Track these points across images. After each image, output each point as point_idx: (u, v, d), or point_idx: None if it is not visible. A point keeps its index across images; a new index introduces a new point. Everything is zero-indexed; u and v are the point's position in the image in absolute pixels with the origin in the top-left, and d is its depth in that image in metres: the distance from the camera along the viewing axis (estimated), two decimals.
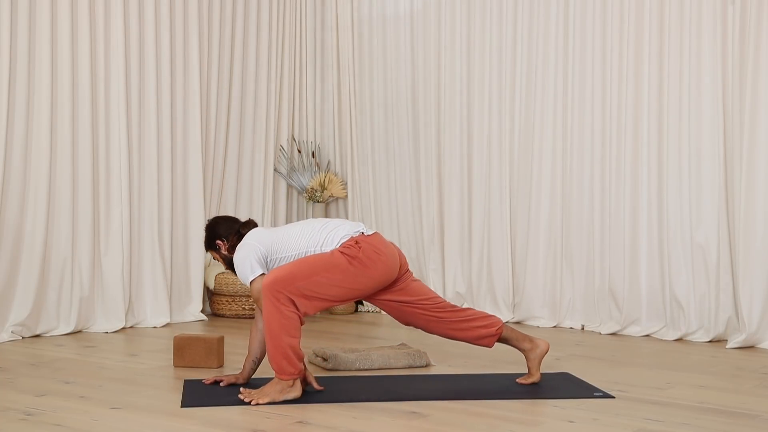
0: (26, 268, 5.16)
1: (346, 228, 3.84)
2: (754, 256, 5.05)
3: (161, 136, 5.77)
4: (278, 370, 3.64)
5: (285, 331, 3.60)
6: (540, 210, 5.84)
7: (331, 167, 6.78)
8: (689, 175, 5.31)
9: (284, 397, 3.64)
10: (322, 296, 3.70)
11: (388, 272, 3.82)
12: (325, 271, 3.70)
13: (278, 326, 3.61)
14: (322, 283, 3.68)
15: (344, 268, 3.72)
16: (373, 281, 3.79)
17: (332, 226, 3.86)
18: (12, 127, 5.11)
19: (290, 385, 3.65)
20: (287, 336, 3.61)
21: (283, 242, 3.81)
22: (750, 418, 3.53)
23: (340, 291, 3.73)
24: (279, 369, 3.63)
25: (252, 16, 6.36)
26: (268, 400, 3.62)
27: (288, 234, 3.85)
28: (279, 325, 3.60)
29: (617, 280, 5.55)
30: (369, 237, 3.82)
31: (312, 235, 3.82)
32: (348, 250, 3.75)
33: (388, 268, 3.81)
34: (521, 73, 5.90)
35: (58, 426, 3.29)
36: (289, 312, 3.62)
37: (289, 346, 3.61)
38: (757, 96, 5.04)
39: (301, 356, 3.67)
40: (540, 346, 3.98)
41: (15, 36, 5.09)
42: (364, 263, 3.74)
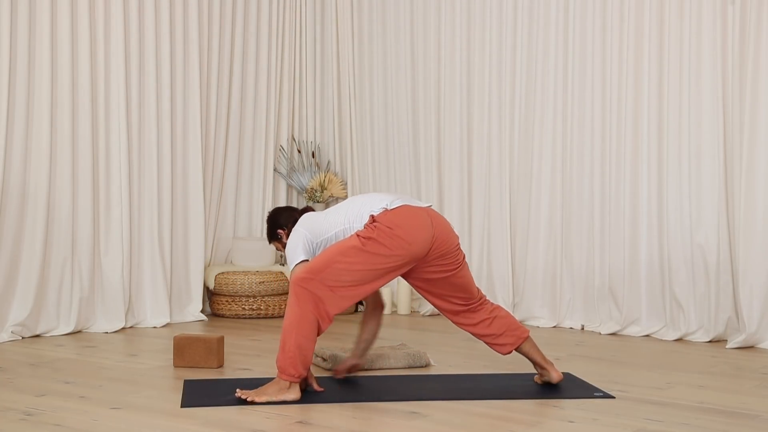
0: (26, 268, 5.16)
1: (374, 204, 3.75)
2: (754, 256, 5.05)
3: (161, 136, 5.77)
4: (280, 368, 3.63)
5: (299, 329, 3.57)
6: (540, 210, 5.84)
7: (331, 167, 6.79)
8: (689, 175, 5.31)
9: (282, 398, 3.63)
10: (345, 283, 3.60)
11: (408, 247, 3.64)
12: (342, 255, 3.62)
13: (294, 323, 3.58)
14: (342, 269, 3.60)
15: (359, 249, 3.62)
16: (392, 258, 3.63)
17: (368, 202, 3.78)
18: (12, 128, 5.11)
19: (287, 387, 3.64)
20: (299, 335, 3.58)
21: (327, 222, 3.81)
22: (750, 418, 3.53)
23: (362, 275, 3.62)
24: (280, 367, 3.63)
25: (252, 16, 6.36)
26: (265, 398, 3.62)
27: (333, 213, 3.84)
28: (295, 322, 3.58)
29: (617, 280, 5.55)
30: (389, 212, 3.69)
31: (348, 214, 3.79)
32: (365, 230, 3.67)
33: (405, 242, 3.63)
34: (521, 74, 5.90)
35: (58, 426, 3.30)
36: (309, 312, 3.57)
37: (297, 346, 3.58)
38: (757, 96, 5.05)
39: (307, 363, 3.63)
40: (553, 377, 3.92)
41: (15, 36, 5.09)
42: (378, 241, 3.62)
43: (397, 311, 6.36)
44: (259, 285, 6.00)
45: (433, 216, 3.76)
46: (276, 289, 6.06)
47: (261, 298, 6.03)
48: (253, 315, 6.01)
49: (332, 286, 3.60)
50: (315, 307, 3.59)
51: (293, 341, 3.59)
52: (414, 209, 3.72)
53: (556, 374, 3.93)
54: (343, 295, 3.62)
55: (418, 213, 3.71)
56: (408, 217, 3.68)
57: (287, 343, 3.60)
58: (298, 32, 6.70)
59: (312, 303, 3.58)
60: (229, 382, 4.04)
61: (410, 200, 3.80)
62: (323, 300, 3.59)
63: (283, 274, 6.12)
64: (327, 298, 3.59)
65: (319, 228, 3.81)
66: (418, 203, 3.80)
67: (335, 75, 6.71)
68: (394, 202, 3.73)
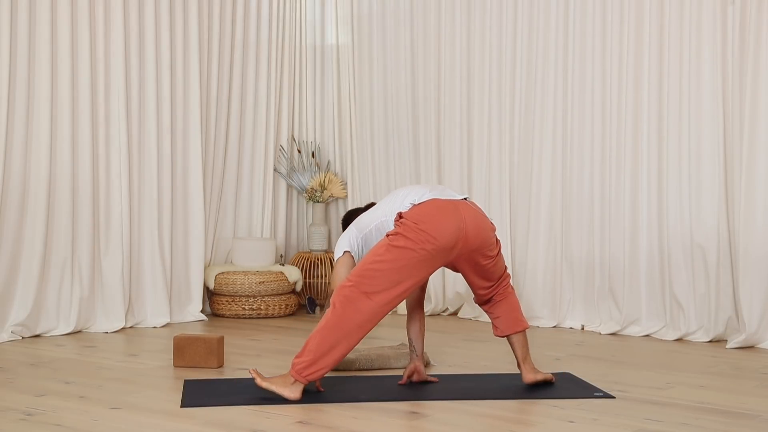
0: (26, 268, 5.16)
1: (407, 199, 3.78)
2: (754, 256, 5.05)
3: (161, 136, 5.77)
4: (293, 364, 3.64)
5: (323, 335, 3.59)
6: (540, 210, 5.84)
7: (331, 167, 6.79)
8: (689, 175, 5.31)
9: (281, 392, 3.63)
10: (379, 287, 3.59)
11: (433, 240, 3.61)
12: (372, 255, 3.66)
13: (321, 328, 3.60)
14: (374, 269, 3.61)
15: (387, 246, 3.64)
16: (420, 253, 3.61)
17: (404, 196, 3.83)
18: (12, 127, 5.11)
19: (291, 383, 3.64)
20: (322, 342, 3.59)
21: (369, 216, 3.93)
22: (750, 418, 3.53)
23: (393, 273, 3.60)
24: (294, 364, 3.64)
25: (252, 17, 6.36)
26: (266, 385, 3.63)
27: (377, 207, 3.94)
28: (323, 327, 3.60)
29: (617, 280, 5.55)
30: (415, 207, 3.70)
31: (385, 208, 3.87)
32: (393, 228, 3.73)
33: (430, 236, 3.61)
34: (521, 74, 5.90)
35: (58, 426, 3.30)
36: (341, 321, 3.58)
37: (317, 350, 3.59)
38: (757, 96, 5.04)
39: (322, 370, 3.62)
40: (525, 378, 3.93)
41: (15, 36, 5.09)
42: (404, 236, 3.62)
43: (396, 311, 6.35)
44: (259, 285, 6.00)
45: (463, 209, 3.73)
46: (276, 289, 6.06)
47: (261, 298, 6.03)
48: (253, 315, 6.01)
49: (368, 292, 3.60)
50: (349, 317, 3.59)
51: (314, 345, 3.60)
52: (441, 203, 3.71)
53: (529, 376, 3.91)
54: (379, 301, 3.60)
55: (445, 206, 3.70)
56: (433, 211, 3.67)
57: (309, 345, 3.61)
58: (298, 32, 6.69)
59: (348, 311, 3.59)
60: (229, 382, 4.05)
61: (443, 192, 3.80)
62: (360, 310, 3.59)
63: (282, 274, 6.12)
64: (364, 307, 3.59)
65: (364, 222, 3.94)
66: (451, 195, 3.79)
67: (335, 75, 6.71)
68: (423, 196, 3.75)
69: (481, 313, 5.96)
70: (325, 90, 6.81)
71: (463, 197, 3.83)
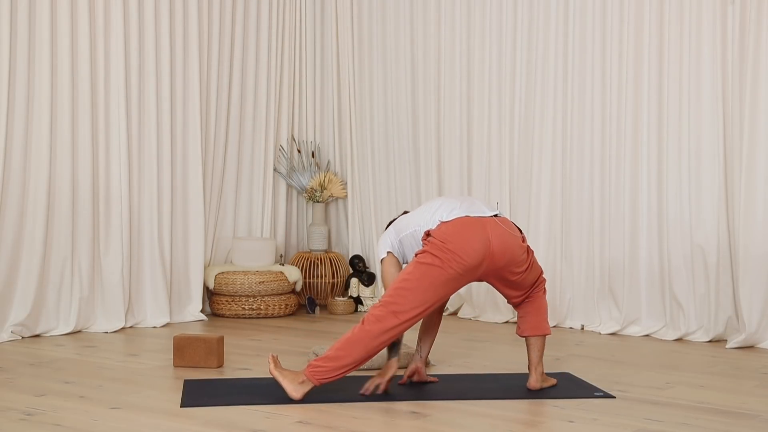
0: (26, 268, 5.16)
1: (438, 214, 3.79)
2: (754, 256, 5.05)
3: (161, 136, 5.77)
4: (310, 364, 3.66)
5: (346, 347, 3.63)
6: (540, 210, 5.84)
7: (331, 167, 6.78)
8: (689, 175, 5.31)
9: (286, 387, 3.65)
10: (408, 307, 3.62)
11: (460, 260, 3.64)
12: (403, 273, 3.70)
13: (347, 339, 3.64)
14: (403, 287, 3.64)
15: (415, 263, 3.68)
16: (447, 272, 3.64)
17: (437, 210, 3.83)
18: (12, 127, 5.10)
19: (299, 382, 3.65)
20: (344, 354, 3.62)
21: (406, 222, 3.94)
22: (750, 418, 3.53)
23: (421, 292, 3.63)
24: (311, 364, 3.66)
25: (252, 16, 6.35)
26: (276, 374, 3.68)
27: (414, 213, 3.95)
28: (349, 339, 3.63)
29: (617, 280, 5.55)
30: (443, 224, 3.72)
31: (419, 219, 3.88)
32: (422, 246, 3.76)
33: (457, 255, 3.64)
34: (521, 74, 5.90)
35: (58, 426, 3.30)
36: (366, 338, 3.62)
37: (336, 360, 3.62)
38: (757, 96, 5.04)
39: (331, 381, 3.66)
40: (531, 384, 3.92)
41: (15, 36, 5.09)
42: (431, 254, 3.65)
43: None
44: (259, 285, 6.00)
45: (490, 227, 3.73)
46: (276, 289, 6.06)
47: (261, 298, 6.03)
48: (253, 315, 6.01)
49: (396, 312, 3.63)
50: (375, 334, 3.63)
51: (336, 354, 3.63)
52: (468, 221, 3.73)
53: (536, 384, 3.91)
54: (404, 318, 3.64)
55: (472, 225, 3.71)
56: (460, 230, 3.69)
57: (330, 352, 3.65)
58: (298, 32, 6.69)
59: (375, 328, 3.62)
60: (229, 382, 4.05)
61: (471, 207, 3.80)
62: (386, 328, 3.63)
63: (282, 274, 6.12)
64: (389, 324, 3.63)
65: (400, 226, 3.96)
66: (480, 212, 3.79)
67: (335, 75, 6.71)
68: (452, 213, 3.76)
69: (481, 312, 5.97)
70: (325, 90, 6.81)
71: (493, 213, 3.82)
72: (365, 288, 6.46)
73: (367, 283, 6.45)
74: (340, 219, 6.85)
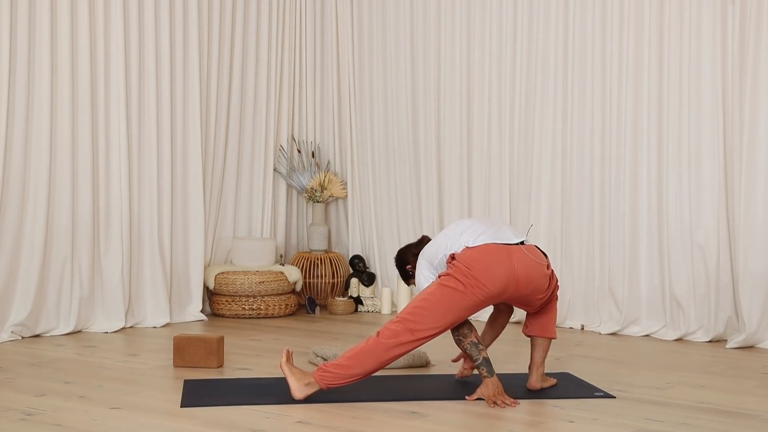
0: (26, 268, 5.16)
1: (464, 238, 3.77)
2: (754, 256, 5.05)
3: (161, 136, 5.77)
4: (320, 367, 3.67)
5: (359, 358, 3.64)
6: (540, 210, 5.84)
7: (331, 167, 6.78)
8: (689, 175, 5.31)
9: (291, 385, 3.66)
10: (426, 326, 3.63)
11: (483, 288, 3.65)
12: (424, 293, 3.69)
13: (359, 350, 3.64)
14: (423, 307, 3.64)
15: (438, 285, 3.68)
16: (469, 297, 3.65)
17: (463, 232, 3.81)
18: (12, 127, 5.10)
19: (306, 383, 3.65)
20: (355, 364, 3.63)
21: (434, 248, 3.90)
22: (750, 418, 3.53)
23: (440, 314, 3.64)
24: (321, 367, 3.66)
25: (252, 16, 6.35)
26: (285, 369, 3.69)
27: (440, 238, 3.92)
28: (361, 350, 3.64)
29: (617, 280, 5.55)
30: (469, 250, 3.70)
31: (446, 243, 3.84)
32: (445, 269, 3.74)
33: (480, 283, 3.64)
34: (521, 74, 5.90)
35: (58, 426, 3.30)
36: (379, 352, 3.63)
37: (346, 369, 3.64)
38: (757, 96, 5.05)
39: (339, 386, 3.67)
40: (531, 384, 3.92)
41: (15, 36, 5.09)
42: (455, 278, 3.65)
43: (397, 311, 6.35)
44: (259, 285, 6.00)
45: (516, 256, 3.72)
46: (276, 289, 6.06)
47: (261, 298, 6.03)
48: (253, 315, 6.01)
49: (413, 329, 3.64)
50: (389, 349, 3.64)
51: (347, 362, 3.64)
52: (494, 249, 3.71)
53: (536, 384, 3.91)
54: (419, 336, 3.66)
55: (498, 253, 3.70)
56: (485, 257, 3.68)
57: (342, 360, 3.65)
58: (298, 32, 6.69)
59: (390, 343, 3.63)
60: (229, 382, 4.05)
61: (498, 233, 3.77)
62: (400, 343, 3.64)
63: (282, 274, 6.12)
64: (404, 340, 3.64)
65: (430, 254, 3.92)
66: (506, 238, 3.77)
67: (335, 75, 6.71)
68: (478, 238, 3.74)
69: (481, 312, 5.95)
70: (325, 90, 6.81)
71: (519, 240, 3.80)
72: (365, 288, 6.46)
73: (367, 283, 6.45)
74: (340, 219, 6.85)
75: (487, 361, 3.73)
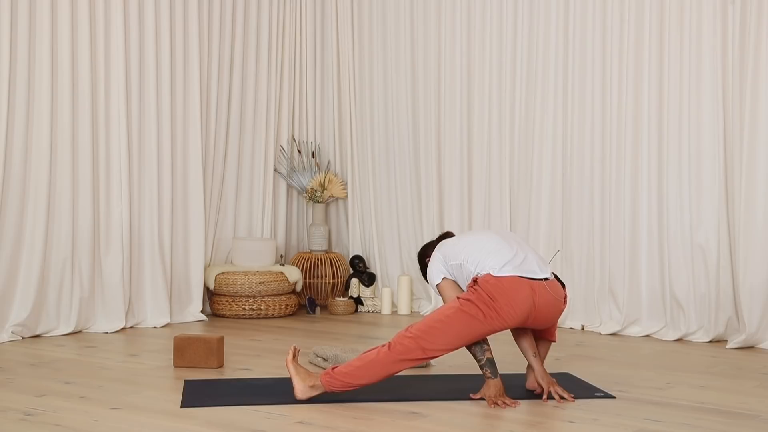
0: (26, 268, 5.16)
1: (489, 260, 3.72)
2: (754, 256, 5.05)
3: (161, 137, 5.77)
4: (327, 372, 3.66)
5: (365, 367, 3.63)
6: (540, 210, 5.84)
7: (331, 167, 6.78)
8: (689, 175, 5.31)
9: (294, 384, 3.66)
10: (439, 346, 3.62)
11: (502, 321, 3.64)
12: (441, 315, 3.66)
13: (368, 360, 3.64)
14: (439, 329, 3.63)
15: (457, 309, 3.64)
16: (486, 326, 3.64)
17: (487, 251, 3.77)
18: (12, 127, 5.10)
19: (310, 385, 3.65)
20: (360, 373, 3.63)
21: (455, 250, 3.86)
22: (750, 418, 3.53)
23: (454, 338, 3.62)
24: (327, 372, 3.66)
25: (252, 17, 6.35)
26: (290, 368, 3.68)
27: (462, 243, 3.88)
28: (370, 360, 3.64)
29: (617, 280, 5.55)
30: (493, 279, 3.65)
31: (469, 255, 3.79)
32: (465, 293, 3.70)
33: (500, 316, 3.63)
34: (521, 74, 5.90)
35: (58, 426, 3.30)
36: (388, 364, 3.63)
37: (352, 376, 3.63)
38: (757, 96, 5.04)
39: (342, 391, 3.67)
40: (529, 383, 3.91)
41: (15, 36, 5.09)
42: (476, 305, 3.62)
43: (397, 311, 6.36)
44: (259, 285, 6.00)
45: (539, 293, 3.69)
46: (276, 289, 6.06)
47: (261, 298, 6.03)
48: (253, 315, 6.01)
49: (425, 348, 3.64)
50: (398, 361, 3.64)
51: (356, 371, 3.64)
52: (519, 284, 3.66)
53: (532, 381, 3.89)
54: (430, 354, 3.66)
55: (521, 289, 3.66)
56: (509, 292, 3.64)
57: (350, 367, 3.65)
58: (298, 32, 6.69)
59: (400, 355, 3.63)
60: (229, 382, 4.05)
61: (525, 266, 3.72)
62: (410, 357, 3.64)
63: (283, 274, 6.11)
64: (414, 356, 3.64)
65: (449, 253, 3.89)
66: (532, 272, 3.72)
67: (335, 75, 6.71)
68: (504, 267, 3.69)
69: None
70: (325, 90, 6.81)
71: (544, 276, 3.75)
72: (365, 288, 6.46)
73: (368, 284, 6.45)
74: (340, 219, 6.85)
75: (491, 362, 3.73)
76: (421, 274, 4.25)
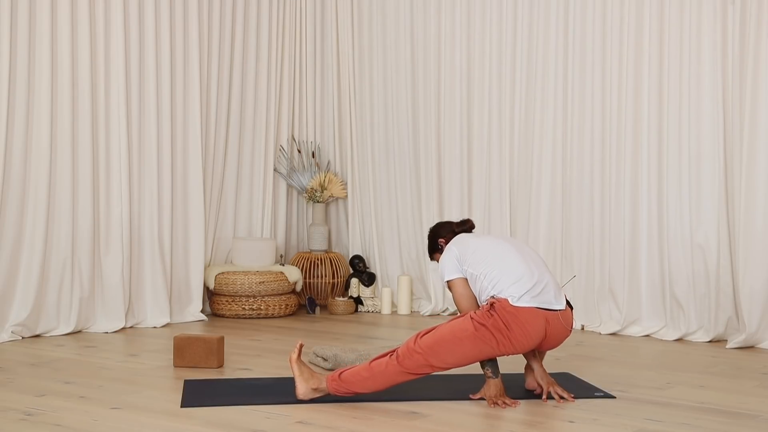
0: (26, 268, 5.16)
1: (508, 284, 3.69)
2: (754, 256, 5.05)
3: (161, 136, 5.77)
4: (334, 376, 3.65)
5: (371, 376, 3.63)
6: (540, 210, 5.84)
7: (331, 167, 6.78)
8: (689, 175, 5.31)
9: (297, 383, 3.65)
10: (446, 363, 3.63)
11: (513, 349, 3.65)
12: (453, 335, 3.63)
13: (374, 370, 3.63)
14: (449, 349, 3.62)
15: (470, 333, 3.62)
16: (497, 351, 3.65)
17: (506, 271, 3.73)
18: (12, 127, 5.10)
19: (315, 387, 3.65)
20: (365, 381, 3.63)
21: (472, 256, 3.82)
22: (750, 418, 3.53)
23: (463, 357, 3.63)
24: (333, 375, 3.65)
25: (252, 16, 6.35)
26: (294, 367, 3.66)
27: (481, 251, 3.83)
28: (376, 370, 3.63)
29: (617, 280, 5.55)
30: (510, 308, 3.63)
31: (487, 269, 3.76)
32: (481, 314, 3.66)
33: (512, 345, 3.64)
34: (521, 74, 5.90)
35: (58, 426, 3.30)
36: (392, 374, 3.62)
37: (356, 383, 3.63)
38: (757, 96, 5.04)
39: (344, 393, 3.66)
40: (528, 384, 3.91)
41: (15, 36, 5.09)
42: (490, 332, 3.61)
43: (397, 311, 6.36)
44: (259, 285, 6.00)
45: (553, 323, 3.70)
46: (276, 289, 6.06)
47: (261, 298, 6.03)
48: (253, 315, 6.01)
49: (433, 364, 3.64)
50: (404, 375, 3.64)
51: (363, 380, 3.63)
52: (536, 316, 3.66)
53: (531, 381, 3.90)
54: (436, 368, 3.66)
55: (538, 322, 3.66)
56: (525, 324, 3.64)
57: (358, 377, 3.64)
58: (298, 32, 6.69)
59: (408, 370, 3.63)
60: (229, 382, 4.05)
61: (543, 296, 3.70)
62: (416, 371, 3.64)
63: (283, 274, 6.11)
64: (421, 371, 3.65)
65: (466, 256, 3.84)
66: (549, 304, 3.70)
67: (335, 75, 6.71)
68: (522, 297, 3.66)
69: None
70: (325, 90, 6.81)
71: (560, 308, 3.74)
72: (365, 288, 6.46)
73: (368, 283, 6.45)
74: (340, 219, 6.86)
75: (493, 362, 3.73)
76: (428, 250, 4.21)
